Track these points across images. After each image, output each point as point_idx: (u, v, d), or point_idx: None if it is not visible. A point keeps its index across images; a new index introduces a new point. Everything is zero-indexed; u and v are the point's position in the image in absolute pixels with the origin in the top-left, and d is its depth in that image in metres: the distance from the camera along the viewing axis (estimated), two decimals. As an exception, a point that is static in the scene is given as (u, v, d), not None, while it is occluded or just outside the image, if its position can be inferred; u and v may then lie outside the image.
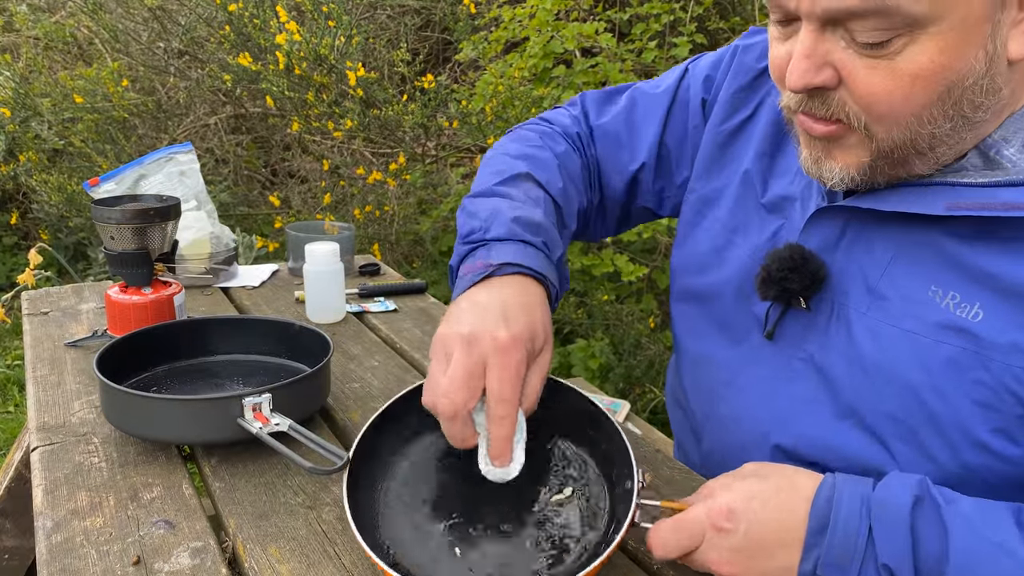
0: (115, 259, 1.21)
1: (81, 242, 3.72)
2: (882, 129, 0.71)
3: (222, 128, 3.93)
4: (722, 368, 0.94)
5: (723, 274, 0.96)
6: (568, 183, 1.00)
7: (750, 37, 1.01)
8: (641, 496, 0.75)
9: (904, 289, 0.77)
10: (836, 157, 0.75)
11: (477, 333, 0.74)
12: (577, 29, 3.07)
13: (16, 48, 4.14)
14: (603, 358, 2.86)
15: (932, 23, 0.65)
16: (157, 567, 0.76)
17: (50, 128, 3.58)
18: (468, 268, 0.85)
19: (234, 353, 1.16)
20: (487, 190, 0.95)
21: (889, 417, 0.78)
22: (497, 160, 1.01)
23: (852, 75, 0.70)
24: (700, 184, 1.01)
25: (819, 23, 0.69)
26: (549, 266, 0.86)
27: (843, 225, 0.82)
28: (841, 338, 0.81)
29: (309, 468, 0.83)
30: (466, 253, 0.87)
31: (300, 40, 2.99)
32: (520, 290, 0.80)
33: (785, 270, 0.82)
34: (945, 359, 0.74)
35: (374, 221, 3.34)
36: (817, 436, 0.83)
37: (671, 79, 1.07)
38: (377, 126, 3.28)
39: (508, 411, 0.73)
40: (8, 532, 1.49)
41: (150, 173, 1.62)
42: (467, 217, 0.92)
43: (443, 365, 0.75)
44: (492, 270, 0.82)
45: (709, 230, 0.99)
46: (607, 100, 1.11)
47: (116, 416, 0.96)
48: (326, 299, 1.40)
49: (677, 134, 1.04)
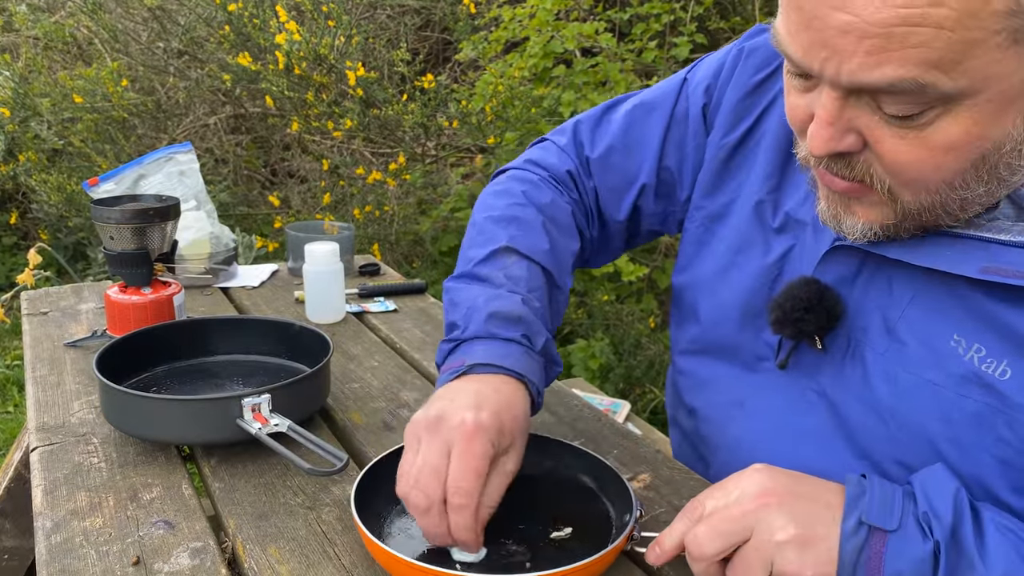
0: (115, 259, 1.20)
1: (81, 242, 3.72)
2: (908, 194, 0.67)
3: (222, 128, 3.93)
4: (731, 390, 0.92)
5: (727, 297, 0.92)
6: (557, 238, 0.97)
7: (753, 38, 0.96)
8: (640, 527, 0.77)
9: (924, 335, 0.74)
10: (857, 213, 0.71)
11: (444, 415, 0.74)
12: (577, 29, 3.08)
13: (16, 48, 4.14)
14: (603, 358, 2.86)
15: (968, 97, 0.60)
16: (157, 567, 0.76)
17: (49, 128, 3.58)
18: (447, 366, 0.84)
19: (234, 353, 1.16)
20: (467, 272, 0.93)
21: (904, 466, 0.75)
22: (480, 225, 0.99)
23: (879, 142, 0.65)
24: (706, 201, 0.97)
25: (844, 92, 0.63)
26: (528, 361, 0.83)
27: (862, 260, 0.78)
28: (856, 378, 0.78)
29: (308, 469, 0.83)
30: (448, 351, 0.87)
31: (300, 40, 2.99)
32: (495, 387, 0.79)
33: (800, 310, 0.78)
34: (969, 414, 0.70)
35: (374, 221, 3.34)
36: (830, 475, 0.78)
37: (669, 94, 1.01)
38: (377, 126, 3.28)
39: (465, 501, 0.71)
40: (8, 532, 1.48)
41: (150, 173, 1.62)
42: (449, 305, 0.91)
43: (413, 451, 0.74)
44: (467, 368, 0.81)
45: (715, 250, 0.95)
46: (601, 124, 1.05)
47: (116, 416, 0.96)
48: (326, 299, 1.40)
49: (677, 153, 1.00)
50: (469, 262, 0.95)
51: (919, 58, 0.58)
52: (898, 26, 0.57)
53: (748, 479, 0.69)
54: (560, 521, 0.83)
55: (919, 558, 0.63)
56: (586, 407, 1.12)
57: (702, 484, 0.92)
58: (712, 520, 0.68)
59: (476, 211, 1.03)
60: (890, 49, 0.58)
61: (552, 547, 0.80)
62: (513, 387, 0.80)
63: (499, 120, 3.12)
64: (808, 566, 0.64)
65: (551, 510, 0.84)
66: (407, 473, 0.74)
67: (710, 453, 0.96)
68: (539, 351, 0.86)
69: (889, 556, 0.63)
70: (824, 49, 0.61)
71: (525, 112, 3.08)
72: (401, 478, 0.75)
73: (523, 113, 3.08)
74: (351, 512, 0.77)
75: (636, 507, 0.79)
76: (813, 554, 0.65)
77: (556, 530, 0.82)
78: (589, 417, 1.09)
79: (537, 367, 0.85)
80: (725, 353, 0.93)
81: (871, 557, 0.64)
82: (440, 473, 0.72)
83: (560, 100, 3.06)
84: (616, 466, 0.89)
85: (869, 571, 0.64)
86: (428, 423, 0.75)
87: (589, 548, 0.74)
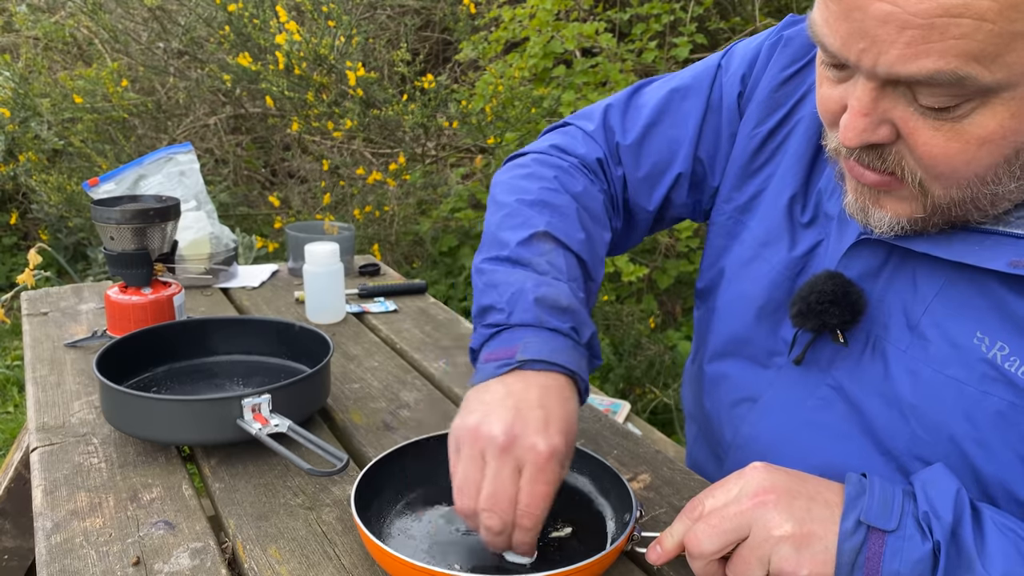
0: (115, 259, 1.20)
1: (81, 242, 3.72)
2: (939, 187, 0.67)
3: (222, 128, 3.93)
4: (744, 386, 0.91)
5: (748, 289, 0.91)
6: (591, 228, 0.94)
7: (791, 27, 0.93)
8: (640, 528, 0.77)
9: (947, 331, 0.73)
10: (886, 207, 0.71)
11: (515, 440, 0.71)
12: (577, 29, 3.08)
13: (16, 48, 4.14)
14: (603, 358, 2.86)
15: (1006, 90, 0.59)
16: (157, 568, 0.76)
17: (50, 128, 3.58)
18: (491, 355, 0.80)
19: (234, 353, 1.16)
20: (506, 255, 0.88)
21: (924, 463, 0.74)
22: (513, 208, 0.93)
23: (913, 134, 0.64)
24: (735, 193, 0.95)
25: (880, 83, 0.63)
26: (579, 357, 0.81)
27: (887, 253, 0.78)
28: (876, 373, 0.78)
29: (308, 469, 0.83)
30: (488, 336, 0.82)
31: (300, 40, 2.99)
32: (556, 392, 0.76)
33: (826, 303, 0.77)
34: (993, 412, 0.70)
35: (374, 221, 3.34)
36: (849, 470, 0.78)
37: (703, 80, 0.98)
38: (377, 126, 3.28)
39: (534, 524, 0.72)
40: (8, 533, 1.48)
41: (150, 173, 1.62)
42: (485, 287, 0.86)
43: (478, 467, 0.72)
44: (519, 364, 0.77)
45: (743, 241, 0.94)
46: (630, 109, 1.01)
47: (116, 417, 0.96)
48: (326, 299, 1.40)
49: (712, 142, 0.97)
50: (505, 245, 0.89)
51: (959, 50, 0.57)
52: (940, 17, 0.56)
53: (747, 478, 0.69)
54: (560, 520, 0.83)
55: (917, 559, 0.63)
56: (586, 407, 1.12)
57: (702, 484, 0.92)
58: (711, 519, 0.68)
59: (502, 192, 0.97)
60: (930, 40, 0.57)
61: (552, 547, 0.80)
62: (569, 390, 0.78)
63: (499, 120, 3.12)
64: (804, 564, 0.64)
65: (551, 509, 0.85)
66: (472, 491, 0.72)
67: (724, 451, 0.95)
68: (584, 343, 0.83)
69: (887, 557, 0.63)
70: (863, 39, 0.61)
71: (525, 112, 3.08)
72: (464, 494, 0.73)
73: (523, 113, 3.08)
74: (351, 512, 0.77)
75: (636, 507, 0.79)
76: (810, 552, 0.65)
77: (556, 529, 0.82)
78: (589, 417, 1.09)
79: (584, 362, 0.82)
80: (737, 349, 0.93)
81: (869, 557, 0.64)
82: (513, 498, 0.71)
83: (560, 100, 3.06)
84: (616, 466, 0.89)
85: (867, 571, 0.64)
86: (496, 443, 0.71)
87: (589, 548, 0.74)
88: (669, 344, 2.95)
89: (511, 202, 0.94)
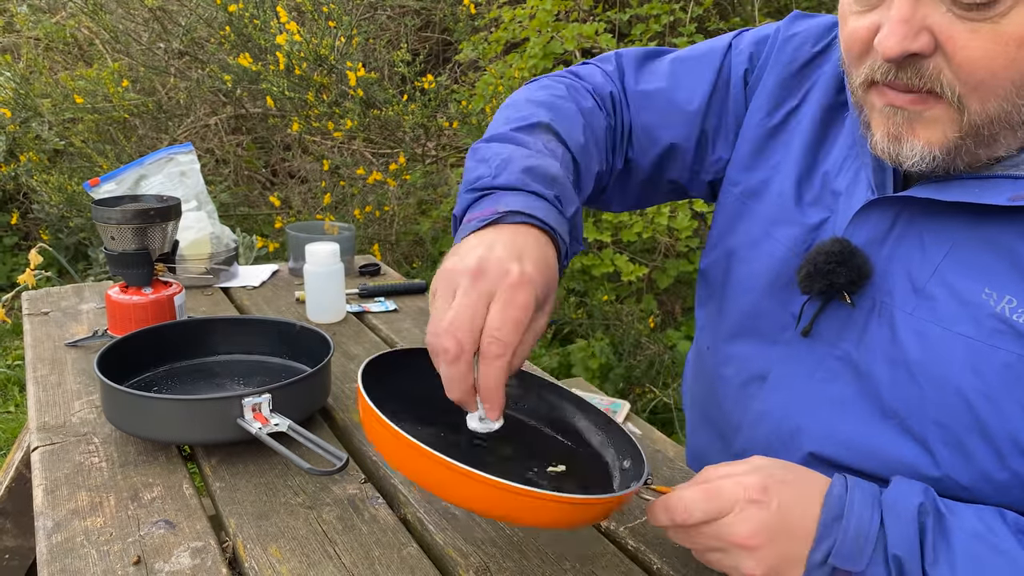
0: (115, 259, 1.21)
1: (81, 242, 3.72)
2: (976, 100, 0.67)
3: (222, 128, 3.93)
4: (753, 364, 0.91)
5: (755, 267, 0.92)
6: (590, 141, 0.93)
7: (793, 25, 0.96)
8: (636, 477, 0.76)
9: (955, 289, 0.74)
10: (919, 134, 0.70)
11: (487, 266, 0.69)
12: (577, 30, 3.08)
13: (17, 49, 4.14)
14: (603, 358, 2.86)
15: None
16: (157, 567, 0.76)
17: (51, 128, 3.58)
18: (475, 214, 0.78)
19: (234, 353, 1.16)
20: (501, 135, 0.88)
21: (934, 422, 0.75)
22: (518, 105, 0.94)
23: (951, 40, 0.65)
24: (744, 176, 0.96)
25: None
26: (561, 221, 0.79)
27: (893, 218, 0.78)
28: (883, 337, 0.78)
29: (308, 469, 0.83)
30: (472, 201, 0.80)
31: (300, 40, 2.99)
32: (533, 237, 0.74)
33: (833, 263, 0.78)
34: (1000, 365, 0.71)
35: (374, 221, 3.35)
36: (856, 439, 0.80)
37: (715, 55, 1.00)
38: (377, 126, 3.29)
39: (501, 351, 0.67)
40: (8, 532, 1.49)
41: (150, 173, 1.63)
42: (476, 162, 0.84)
43: (448, 301, 0.69)
44: (499, 216, 0.75)
45: (750, 223, 0.95)
46: (646, 63, 1.03)
47: (116, 416, 0.96)
48: (326, 299, 1.40)
49: (718, 113, 0.99)
50: (503, 127, 0.89)
51: None
52: None
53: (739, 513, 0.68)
54: (554, 460, 0.83)
55: None
56: (586, 407, 1.12)
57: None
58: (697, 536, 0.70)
59: (513, 97, 0.98)
60: None
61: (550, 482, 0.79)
62: (546, 241, 0.76)
63: (499, 121, 3.12)
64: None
65: (549, 449, 0.84)
66: (440, 321, 0.68)
67: (732, 433, 0.95)
68: (568, 218, 0.81)
69: None
70: None
71: (525, 112, 3.07)
72: (432, 328, 0.69)
73: (523, 113, 3.07)
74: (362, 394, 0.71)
75: (646, 464, 0.77)
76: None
77: (552, 466, 0.82)
78: (589, 417, 1.09)
79: (565, 229, 0.80)
80: (748, 327, 0.93)
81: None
82: (477, 320, 0.67)
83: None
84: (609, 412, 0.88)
85: None
86: (468, 272, 0.69)
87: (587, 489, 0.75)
88: (669, 344, 2.95)
89: (516, 101, 0.95)
